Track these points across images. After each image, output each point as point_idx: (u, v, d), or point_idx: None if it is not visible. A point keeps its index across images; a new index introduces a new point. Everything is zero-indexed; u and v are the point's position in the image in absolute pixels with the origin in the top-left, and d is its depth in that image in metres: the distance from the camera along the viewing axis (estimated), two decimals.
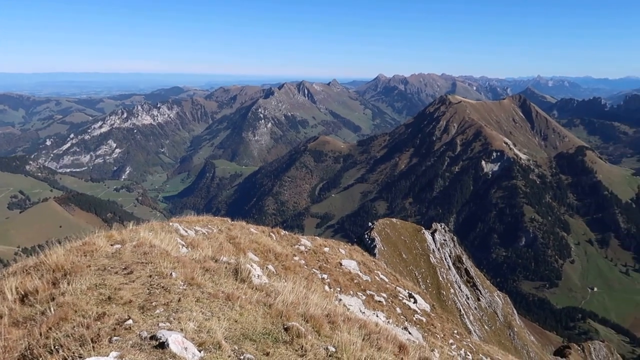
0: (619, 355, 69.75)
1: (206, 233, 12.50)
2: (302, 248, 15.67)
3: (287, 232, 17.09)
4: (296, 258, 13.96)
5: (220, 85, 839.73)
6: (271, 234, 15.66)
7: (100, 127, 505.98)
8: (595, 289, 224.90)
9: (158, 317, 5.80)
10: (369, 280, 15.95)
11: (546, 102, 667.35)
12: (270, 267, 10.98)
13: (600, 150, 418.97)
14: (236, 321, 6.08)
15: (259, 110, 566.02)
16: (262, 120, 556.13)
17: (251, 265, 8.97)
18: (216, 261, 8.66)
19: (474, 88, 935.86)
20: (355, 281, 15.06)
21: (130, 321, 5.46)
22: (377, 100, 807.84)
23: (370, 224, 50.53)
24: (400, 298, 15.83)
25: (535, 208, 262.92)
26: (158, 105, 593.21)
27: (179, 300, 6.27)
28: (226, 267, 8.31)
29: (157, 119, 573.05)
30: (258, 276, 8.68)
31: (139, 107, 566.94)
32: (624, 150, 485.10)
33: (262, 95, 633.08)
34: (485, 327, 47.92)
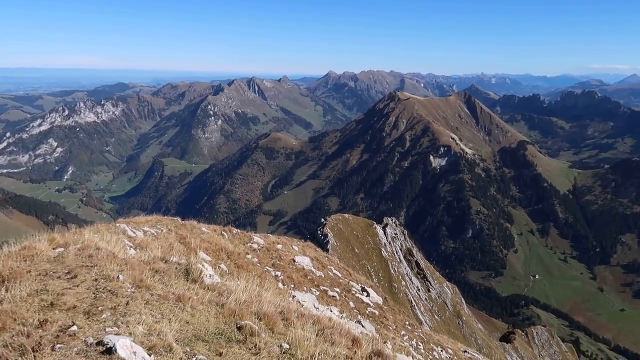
0: (559, 339, 73.25)
1: (155, 234, 12.19)
2: (255, 246, 15.55)
3: (239, 231, 16.92)
4: (249, 256, 13.85)
5: (168, 81, 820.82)
6: (223, 232, 15.45)
7: (40, 125, 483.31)
8: (537, 277, 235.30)
9: (105, 322, 5.58)
10: (323, 276, 16.02)
11: (490, 98, 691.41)
12: (222, 266, 10.83)
13: (540, 145, 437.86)
14: (188, 323, 5.96)
15: (209, 107, 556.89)
16: (212, 118, 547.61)
17: (203, 265, 8.81)
18: (166, 262, 8.46)
19: (422, 85, 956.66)
20: (309, 277, 15.09)
21: (75, 327, 5.27)
22: (328, 97, 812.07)
23: (323, 220, 50.78)
24: (354, 292, 15.99)
25: (481, 201, 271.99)
26: (102, 103, 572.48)
27: (127, 303, 6.07)
28: (177, 268, 8.13)
29: (102, 117, 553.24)
30: (210, 276, 8.53)
31: (82, 105, 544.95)
32: (562, 145, 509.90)
33: (212, 92, 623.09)
34: (436, 317, 49.18)
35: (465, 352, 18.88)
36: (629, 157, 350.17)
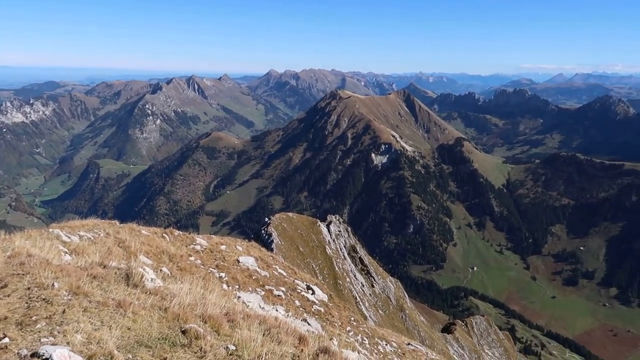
0: (496, 327, 76.51)
1: (92, 238, 11.73)
2: (198, 247, 15.29)
3: (181, 232, 16.56)
4: (192, 258, 13.59)
5: (103, 80, 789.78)
6: (164, 235, 15.08)
7: None
8: (475, 269, 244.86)
9: (40, 332, 5.31)
10: (268, 275, 15.96)
11: (428, 96, 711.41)
12: (164, 269, 10.57)
13: (475, 141, 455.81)
14: (129, 328, 5.78)
15: (147, 106, 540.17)
16: (150, 117, 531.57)
17: (143, 269, 8.57)
18: (105, 267, 8.17)
19: (362, 83, 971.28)
20: (253, 277, 14.99)
21: (6, 339, 5.02)
22: (270, 95, 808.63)
23: (266, 219, 50.52)
24: (299, 291, 16.03)
25: (421, 197, 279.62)
26: (31, 102, 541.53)
27: (64, 311, 5.81)
28: (116, 273, 7.86)
29: (30, 117, 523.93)
30: (151, 280, 8.32)
31: (8, 104, 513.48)
32: (496, 141, 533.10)
33: (150, 91, 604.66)
34: (380, 311, 50.14)
35: (409, 344, 19.36)
36: (557, 152, 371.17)
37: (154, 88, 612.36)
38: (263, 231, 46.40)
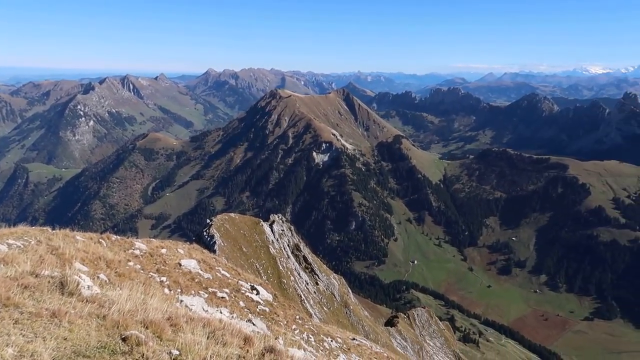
0: (436, 318, 79.07)
1: (22, 246, 11.13)
2: (137, 252, 14.84)
3: (119, 237, 16.01)
4: (131, 263, 13.19)
5: (30, 79, 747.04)
6: (101, 240, 14.53)
7: None
8: (416, 262, 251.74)
9: None
10: (211, 277, 15.75)
11: (366, 95, 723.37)
12: (102, 276, 10.20)
13: (413, 138, 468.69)
14: (66, 339, 5.55)
15: (78, 107, 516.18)
16: (83, 118, 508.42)
17: (79, 277, 8.24)
18: (37, 276, 7.78)
19: (302, 83, 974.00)
20: (196, 280, 14.75)
21: None
22: (209, 95, 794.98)
23: (208, 220, 49.69)
24: (243, 291, 15.92)
25: (362, 194, 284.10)
26: None
27: None
28: (50, 282, 7.51)
29: None
30: (88, 287, 8.01)
31: None
32: (432, 138, 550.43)
33: (81, 91, 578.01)
34: (325, 308, 50.55)
35: (354, 339, 19.66)
36: (489, 148, 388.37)
37: (86, 88, 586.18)
38: (205, 233, 45.64)
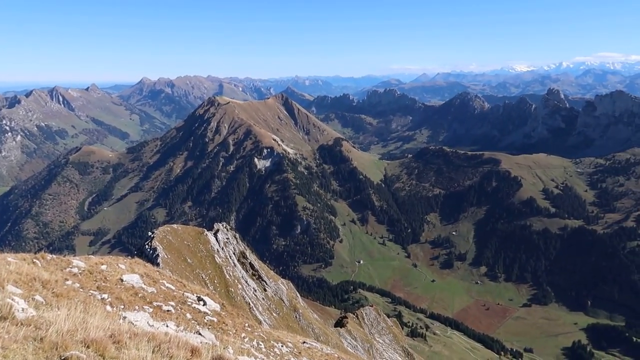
0: (384, 315, 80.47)
1: None
2: (76, 270, 14.24)
3: (55, 256, 15.29)
4: (69, 282, 12.64)
5: None
6: (35, 260, 13.83)
7: None
8: (362, 262, 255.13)
9: None
10: (155, 291, 15.34)
11: (305, 99, 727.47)
12: (37, 297, 9.72)
13: (353, 140, 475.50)
14: None
15: (4, 121, 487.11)
16: (9, 133, 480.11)
17: (12, 299, 7.84)
18: None
19: (240, 89, 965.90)
20: (140, 295, 14.33)
21: None
22: (144, 104, 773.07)
23: (150, 233, 48.25)
24: (190, 303, 15.62)
25: (306, 197, 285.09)
26: None
27: None
28: None
29: None
30: (23, 310, 7.63)
31: None
32: (372, 139, 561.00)
33: (6, 105, 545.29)
34: (274, 314, 50.30)
35: (304, 342, 19.72)
36: (426, 146, 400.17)
37: (12, 101, 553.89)
38: (147, 246, 44.29)
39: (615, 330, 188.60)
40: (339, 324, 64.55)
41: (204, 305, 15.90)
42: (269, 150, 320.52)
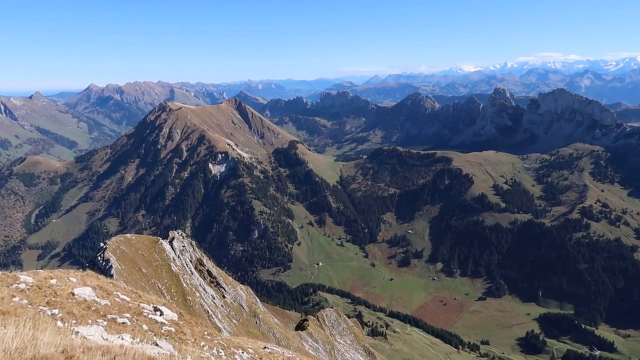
0: (344, 316, 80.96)
1: None
2: (23, 286, 13.68)
3: (0, 272, 14.65)
4: (16, 299, 12.14)
5: None
6: None
7: None
8: (320, 264, 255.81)
9: None
10: (109, 303, 14.93)
11: (259, 103, 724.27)
12: None
13: (308, 143, 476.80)
14: None
15: None
16: None
17: None
18: None
19: (192, 94, 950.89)
20: (92, 308, 13.90)
21: None
22: (92, 112, 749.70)
23: (102, 244, 46.79)
24: (146, 314, 15.27)
25: (263, 201, 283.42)
26: None
27: None
28: None
29: None
30: None
31: None
32: (326, 141, 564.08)
33: None
34: (234, 321, 49.78)
35: (265, 347, 19.64)
36: (380, 147, 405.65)
37: None
38: (99, 257, 42.94)
39: (565, 318, 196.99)
40: (300, 327, 64.53)
41: (160, 315, 15.60)
42: (223, 155, 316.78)
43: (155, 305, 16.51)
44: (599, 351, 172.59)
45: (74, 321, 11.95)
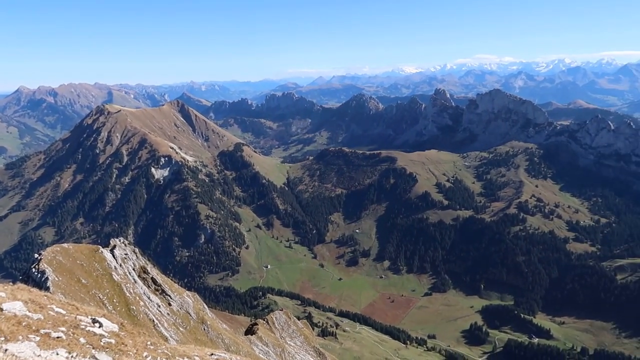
0: (294, 318, 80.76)
1: None
2: None
3: None
4: None
5: None
6: None
7: None
8: (269, 267, 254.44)
9: None
10: (42, 317, 14.07)
11: (202, 105, 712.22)
12: None
13: (254, 145, 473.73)
14: None
15: None
16: None
17: None
18: None
19: (132, 96, 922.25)
20: (24, 324, 13.05)
21: None
22: (23, 115, 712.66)
23: (37, 255, 44.34)
24: (83, 327, 14.51)
25: (209, 205, 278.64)
26: None
27: None
28: None
29: None
30: None
31: None
32: (272, 143, 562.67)
33: None
34: (181, 329, 48.53)
35: (212, 354, 19.14)
36: (327, 148, 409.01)
37: None
38: (34, 269, 40.67)
39: (505, 309, 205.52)
40: (250, 331, 63.78)
41: (100, 327, 14.87)
42: (166, 158, 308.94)
43: (94, 317, 15.73)
44: (537, 339, 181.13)
45: (2, 338, 11.16)
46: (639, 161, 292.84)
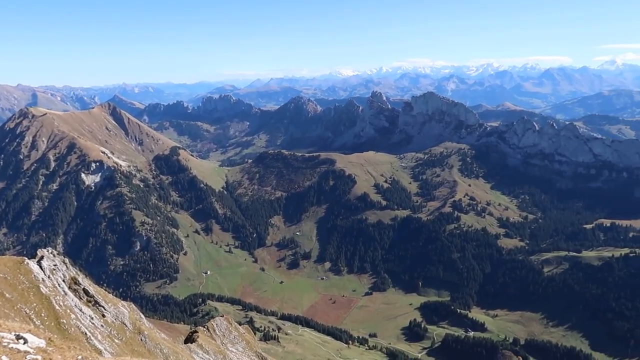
0: (236, 324, 79.20)
1: None
2: None
3: None
4: None
5: None
6: None
7: None
8: (209, 272, 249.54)
9: None
10: None
11: (135, 108, 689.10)
12: None
13: (191, 148, 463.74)
14: None
15: None
16: None
17: None
18: None
19: (59, 98, 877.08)
20: None
21: None
22: None
23: None
24: (6, 344, 13.45)
25: (144, 211, 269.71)
26: None
27: None
28: None
29: None
30: None
31: None
32: (210, 146, 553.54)
33: None
34: (116, 341, 46.38)
35: None
36: (265, 151, 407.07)
37: None
38: None
39: (442, 305, 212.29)
40: (189, 339, 61.99)
41: (24, 343, 13.83)
42: (97, 164, 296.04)
43: (17, 333, 14.63)
44: (472, 332, 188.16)
45: None
46: (561, 160, 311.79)
